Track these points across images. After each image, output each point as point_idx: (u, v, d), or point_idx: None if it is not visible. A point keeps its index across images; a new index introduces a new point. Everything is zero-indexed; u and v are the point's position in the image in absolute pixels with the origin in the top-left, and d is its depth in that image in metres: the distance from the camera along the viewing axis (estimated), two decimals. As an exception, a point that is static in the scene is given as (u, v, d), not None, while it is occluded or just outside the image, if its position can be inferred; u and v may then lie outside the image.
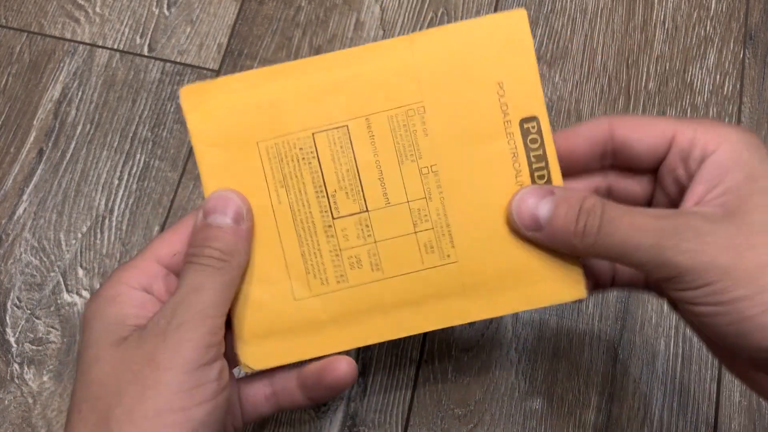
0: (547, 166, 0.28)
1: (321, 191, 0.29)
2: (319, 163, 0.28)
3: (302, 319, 0.29)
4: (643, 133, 0.27)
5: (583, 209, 0.26)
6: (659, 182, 0.28)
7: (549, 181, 0.28)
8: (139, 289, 0.27)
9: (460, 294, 0.29)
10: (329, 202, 0.29)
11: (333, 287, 0.29)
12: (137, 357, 0.25)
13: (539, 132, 0.28)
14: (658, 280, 0.25)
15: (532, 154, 0.28)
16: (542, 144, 0.28)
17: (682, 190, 0.27)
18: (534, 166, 0.28)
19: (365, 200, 0.28)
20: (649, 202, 0.29)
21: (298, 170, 0.28)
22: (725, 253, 0.23)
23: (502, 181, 0.28)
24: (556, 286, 0.28)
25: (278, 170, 0.28)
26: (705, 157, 0.26)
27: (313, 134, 0.28)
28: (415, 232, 0.29)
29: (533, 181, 0.28)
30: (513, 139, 0.28)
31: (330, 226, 0.29)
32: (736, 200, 0.24)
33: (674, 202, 0.27)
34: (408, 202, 0.29)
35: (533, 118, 0.28)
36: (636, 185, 0.29)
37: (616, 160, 0.29)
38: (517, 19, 0.28)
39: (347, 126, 0.28)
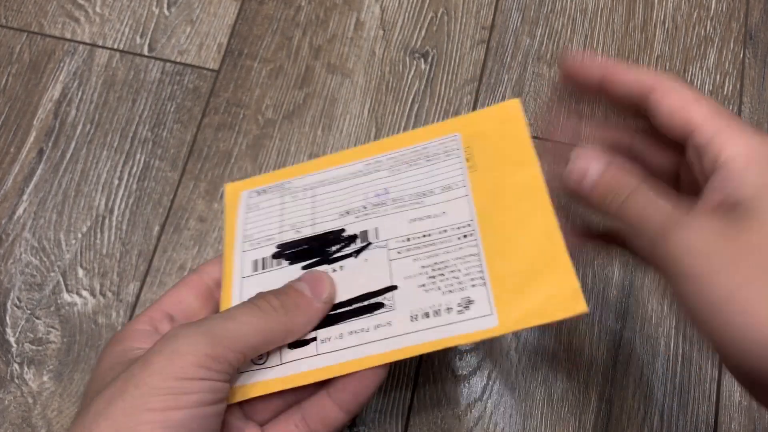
0: None
1: None
2: None
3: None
4: (668, 115, 0.26)
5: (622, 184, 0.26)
6: (686, 164, 0.28)
7: None
8: (144, 330, 0.28)
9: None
10: None
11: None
12: (136, 363, 0.25)
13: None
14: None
15: None
16: None
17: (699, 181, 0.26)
18: None
19: None
20: (677, 177, 0.29)
21: None
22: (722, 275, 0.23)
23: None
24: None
25: None
26: (718, 160, 0.25)
27: None
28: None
29: None
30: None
31: None
32: (747, 211, 0.24)
33: (697, 183, 0.27)
34: None
35: None
36: (665, 159, 0.29)
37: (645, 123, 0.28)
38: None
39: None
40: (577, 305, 0.26)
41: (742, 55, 0.48)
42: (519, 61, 0.47)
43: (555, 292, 0.27)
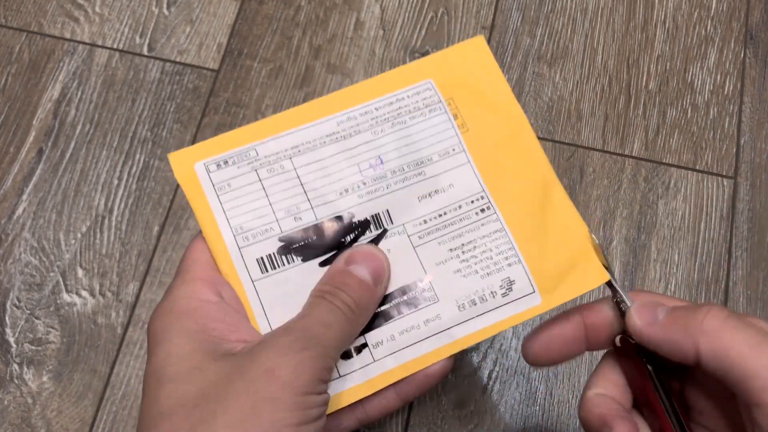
0: None
1: None
2: None
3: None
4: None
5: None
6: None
7: None
8: (211, 300, 0.27)
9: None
10: None
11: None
12: (252, 369, 0.24)
13: None
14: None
15: None
16: None
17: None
18: None
19: None
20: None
21: None
22: None
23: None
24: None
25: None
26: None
27: None
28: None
29: None
30: None
31: None
32: None
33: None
34: None
35: None
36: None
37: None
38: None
39: None
40: (602, 276, 0.29)
41: (742, 55, 0.47)
42: (519, 61, 0.47)
43: (583, 267, 0.29)
